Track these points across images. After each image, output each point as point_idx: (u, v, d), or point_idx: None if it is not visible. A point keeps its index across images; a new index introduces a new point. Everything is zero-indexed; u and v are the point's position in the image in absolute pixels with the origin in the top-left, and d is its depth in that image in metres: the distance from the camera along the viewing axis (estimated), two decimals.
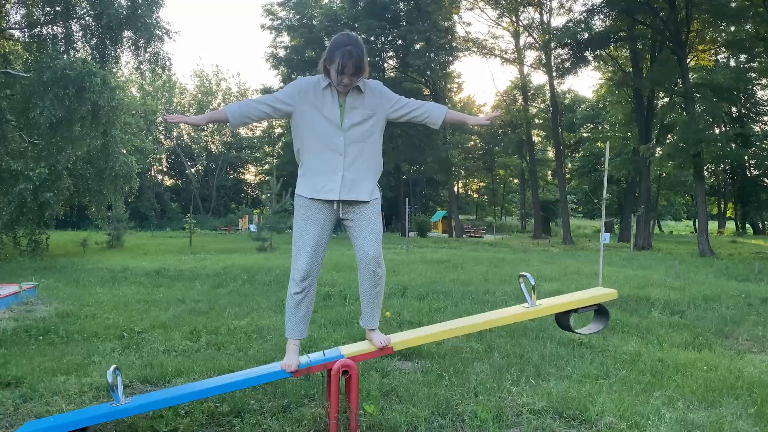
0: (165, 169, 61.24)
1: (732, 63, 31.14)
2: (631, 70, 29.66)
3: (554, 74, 33.37)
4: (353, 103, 3.17)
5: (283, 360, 3.26)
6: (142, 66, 18.59)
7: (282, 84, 40.12)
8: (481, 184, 65.90)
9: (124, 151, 19.20)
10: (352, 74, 3.05)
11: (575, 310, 3.44)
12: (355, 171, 3.19)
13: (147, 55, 17.81)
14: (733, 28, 25.52)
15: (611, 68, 32.72)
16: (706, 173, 32.70)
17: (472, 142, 54.67)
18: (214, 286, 9.70)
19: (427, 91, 39.83)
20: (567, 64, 30.09)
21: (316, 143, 3.17)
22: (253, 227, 37.23)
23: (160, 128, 57.80)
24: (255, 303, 7.74)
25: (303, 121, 3.19)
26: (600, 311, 3.48)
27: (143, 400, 3.07)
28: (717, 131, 28.00)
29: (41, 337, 5.66)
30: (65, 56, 15.32)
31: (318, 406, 3.60)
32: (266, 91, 44.29)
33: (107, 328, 6.08)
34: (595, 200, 34.95)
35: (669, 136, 30.89)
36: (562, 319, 3.50)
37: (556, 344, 5.35)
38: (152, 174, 57.67)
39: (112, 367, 3.05)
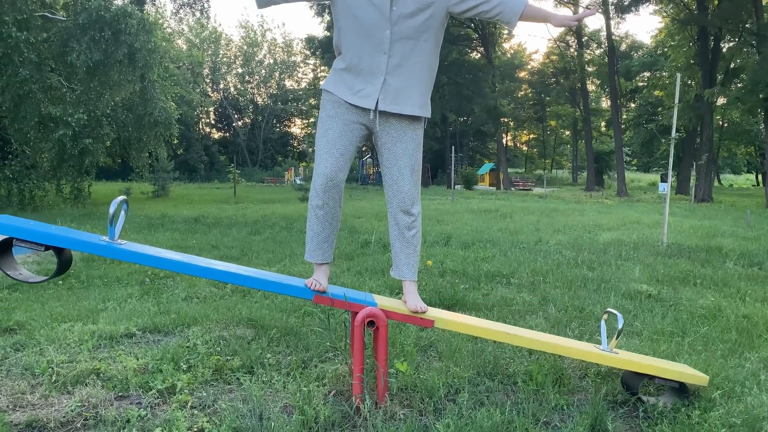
0: (213, 122, 61.35)
1: None
2: (695, 8, 27.60)
3: (612, 13, 31.39)
4: None
5: (311, 277, 2.70)
6: (180, 11, 18.12)
7: (327, 33, 38.98)
8: (531, 135, 63.91)
9: (169, 100, 18.81)
10: None
11: (651, 377, 2.73)
12: (402, 76, 2.55)
13: None
14: None
15: (672, 10, 30.54)
16: None
17: (522, 92, 52.78)
18: (251, 233, 9.33)
19: (475, 36, 38.32)
20: (626, 1, 28.22)
21: (356, 35, 2.53)
22: (299, 179, 37.09)
23: (207, 80, 57.70)
24: (289, 250, 7.30)
25: (343, 5, 2.55)
26: (679, 389, 2.76)
27: (138, 250, 2.53)
28: None
29: (61, 282, 5.34)
30: None
31: (342, 362, 3.08)
32: (310, 40, 43.26)
33: (131, 273, 5.74)
34: (663, 140, 33.26)
35: (735, 81, 28.86)
36: (631, 378, 2.80)
37: (620, 296, 4.72)
38: (200, 127, 57.87)
39: (120, 198, 2.54)
